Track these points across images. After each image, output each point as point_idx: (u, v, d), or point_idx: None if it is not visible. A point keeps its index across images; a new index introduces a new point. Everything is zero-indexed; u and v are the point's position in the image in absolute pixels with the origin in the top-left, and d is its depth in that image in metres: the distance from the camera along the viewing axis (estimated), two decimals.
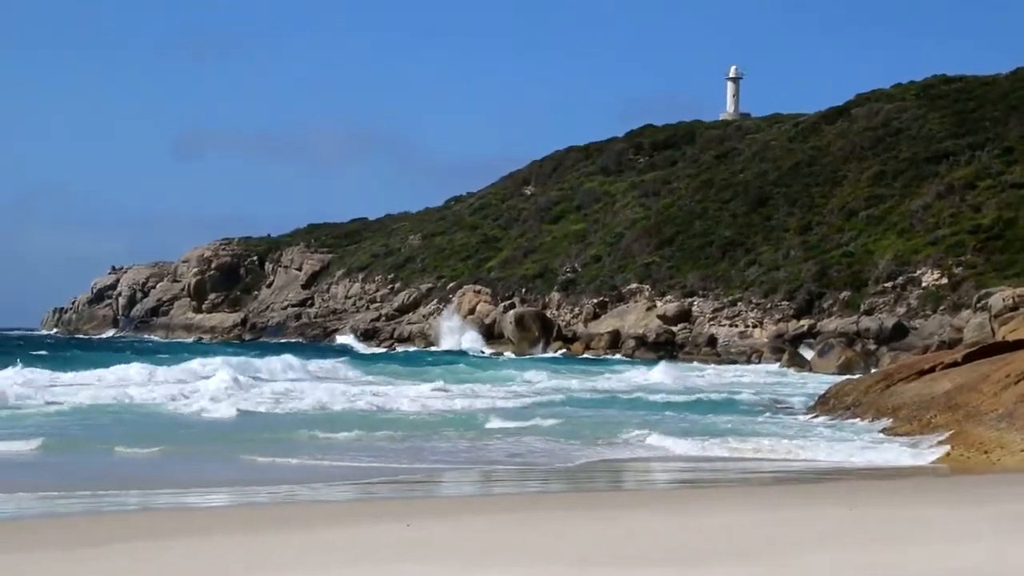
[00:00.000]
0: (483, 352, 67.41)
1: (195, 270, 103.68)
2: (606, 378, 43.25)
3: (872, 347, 54.93)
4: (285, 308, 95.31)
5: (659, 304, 68.63)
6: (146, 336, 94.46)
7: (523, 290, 77.99)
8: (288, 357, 43.08)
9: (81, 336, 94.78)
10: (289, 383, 34.83)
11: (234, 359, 41.33)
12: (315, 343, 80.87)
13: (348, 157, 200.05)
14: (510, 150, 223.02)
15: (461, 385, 35.86)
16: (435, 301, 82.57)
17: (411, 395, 31.07)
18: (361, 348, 73.50)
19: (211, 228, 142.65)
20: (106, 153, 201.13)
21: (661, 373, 44.42)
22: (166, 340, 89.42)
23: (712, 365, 55.83)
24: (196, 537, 10.86)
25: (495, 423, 23.45)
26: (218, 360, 39.25)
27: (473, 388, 34.86)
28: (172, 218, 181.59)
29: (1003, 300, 48.93)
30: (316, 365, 42.37)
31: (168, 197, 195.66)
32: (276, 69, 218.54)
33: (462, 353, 64.93)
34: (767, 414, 27.67)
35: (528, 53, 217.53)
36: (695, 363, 56.87)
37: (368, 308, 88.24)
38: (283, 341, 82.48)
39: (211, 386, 30.44)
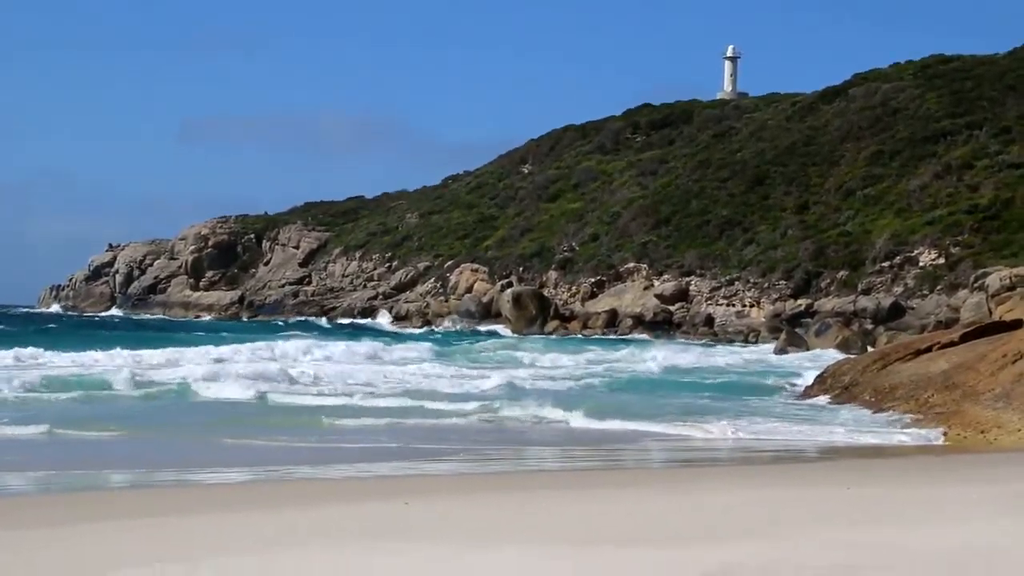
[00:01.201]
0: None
1: (192, 248, 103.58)
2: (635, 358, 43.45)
3: (869, 327, 54.99)
4: (282, 286, 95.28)
5: (656, 283, 68.65)
6: (147, 315, 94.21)
7: (520, 269, 77.98)
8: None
9: (120, 315, 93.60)
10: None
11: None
12: (333, 323, 79.07)
13: (352, 142, 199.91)
14: (510, 131, 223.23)
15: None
16: (432, 279, 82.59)
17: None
18: (394, 328, 71.67)
19: (213, 210, 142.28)
20: (112, 140, 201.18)
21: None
22: (169, 318, 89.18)
23: (706, 342, 55.91)
24: (202, 515, 10.91)
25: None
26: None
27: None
28: (175, 202, 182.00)
29: (1000, 280, 48.99)
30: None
31: (172, 182, 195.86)
32: (282, 57, 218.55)
33: (492, 334, 63.80)
34: (763, 393, 27.73)
35: (526, 34, 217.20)
36: (704, 342, 56.94)
37: (365, 286, 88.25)
38: (300, 319, 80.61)
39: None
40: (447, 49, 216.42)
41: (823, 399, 25.41)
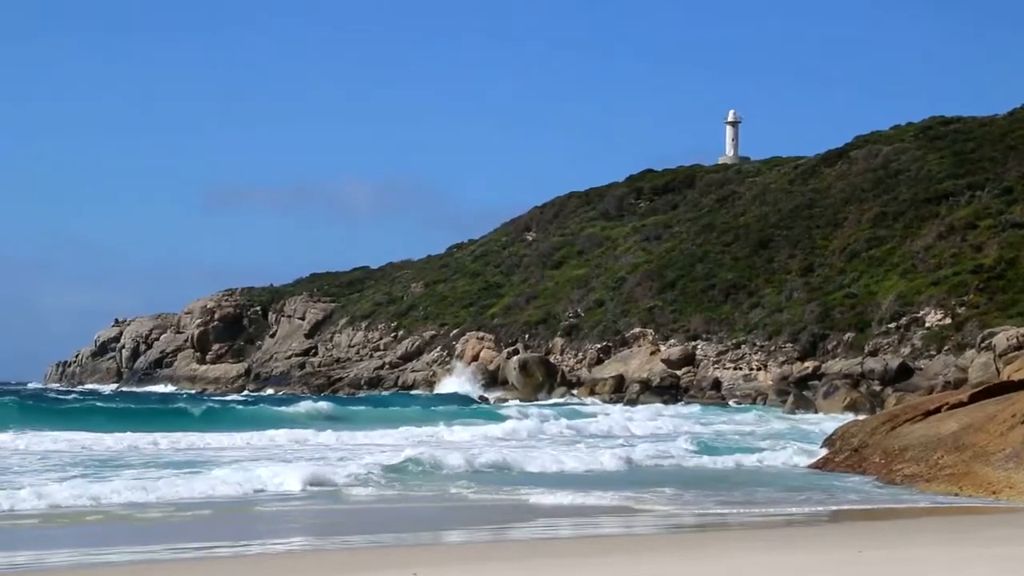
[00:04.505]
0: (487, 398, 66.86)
1: (198, 321, 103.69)
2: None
3: (877, 388, 54.85)
4: (289, 358, 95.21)
5: (663, 348, 68.56)
6: (152, 389, 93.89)
7: (526, 336, 77.94)
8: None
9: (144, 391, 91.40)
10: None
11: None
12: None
13: (372, 211, 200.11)
14: (513, 199, 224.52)
15: None
16: (438, 348, 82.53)
17: None
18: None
19: (226, 280, 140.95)
20: (129, 210, 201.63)
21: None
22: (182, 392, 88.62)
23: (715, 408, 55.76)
24: None
25: None
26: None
27: None
28: (189, 272, 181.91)
29: (1007, 340, 48.98)
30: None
31: (192, 251, 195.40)
32: (299, 124, 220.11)
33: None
34: (771, 457, 27.56)
35: (527, 102, 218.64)
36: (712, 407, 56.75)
37: (372, 356, 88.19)
38: (348, 394, 76.52)
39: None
40: (454, 117, 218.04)
41: (832, 461, 25.27)
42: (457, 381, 73.36)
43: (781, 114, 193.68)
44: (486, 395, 68.78)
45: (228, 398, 67.69)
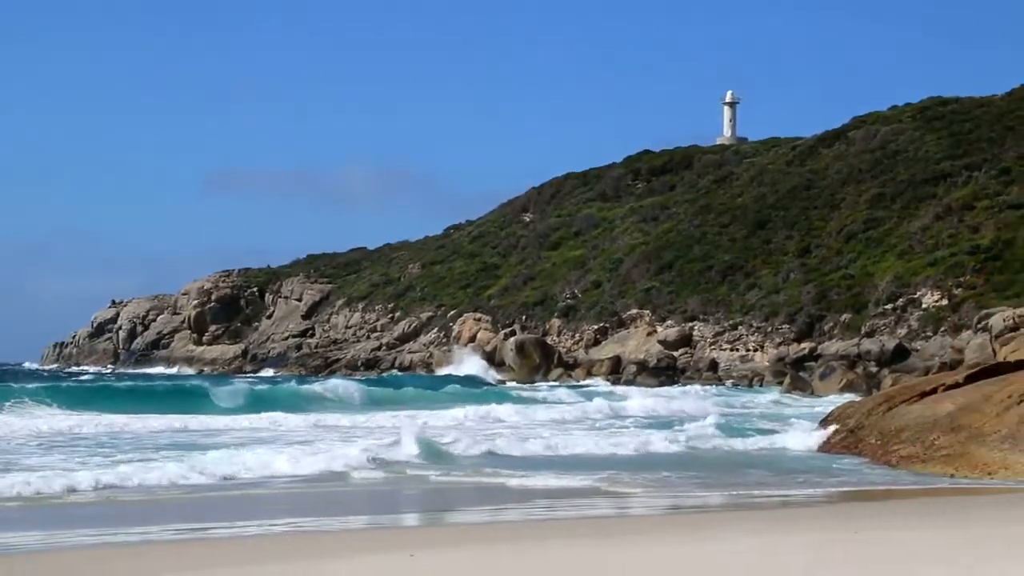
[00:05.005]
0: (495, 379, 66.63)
1: (195, 302, 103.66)
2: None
3: (873, 369, 54.93)
4: (286, 339, 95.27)
5: (660, 329, 68.63)
6: (149, 370, 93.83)
7: (523, 317, 77.98)
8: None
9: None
10: None
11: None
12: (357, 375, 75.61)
13: (370, 196, 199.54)
14: (510, 180, 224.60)
15: None
16: (435, 329, 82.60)
17: None
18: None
19: (225, 263, 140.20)
20: (128, 196, 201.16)
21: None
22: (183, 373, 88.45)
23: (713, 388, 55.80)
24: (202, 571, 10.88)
25: None
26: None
27: None
28: (188, 256, 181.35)
29: (1003, 321, 49.09)
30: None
31: (190, 235, 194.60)
32: (300, 110, 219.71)
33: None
34: (763, 439, 27.61)
35: (524, 83, 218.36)
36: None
37: (369, 337, 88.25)
38: (345, 375, 76.38)
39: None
40: (450, 99, 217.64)
41: (828, 443, 25.31)
42: (458, 366, 73.28)
43: (779, 95, 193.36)
44: (485, 376, 68.80)
45: (249, 378, 67.52)
